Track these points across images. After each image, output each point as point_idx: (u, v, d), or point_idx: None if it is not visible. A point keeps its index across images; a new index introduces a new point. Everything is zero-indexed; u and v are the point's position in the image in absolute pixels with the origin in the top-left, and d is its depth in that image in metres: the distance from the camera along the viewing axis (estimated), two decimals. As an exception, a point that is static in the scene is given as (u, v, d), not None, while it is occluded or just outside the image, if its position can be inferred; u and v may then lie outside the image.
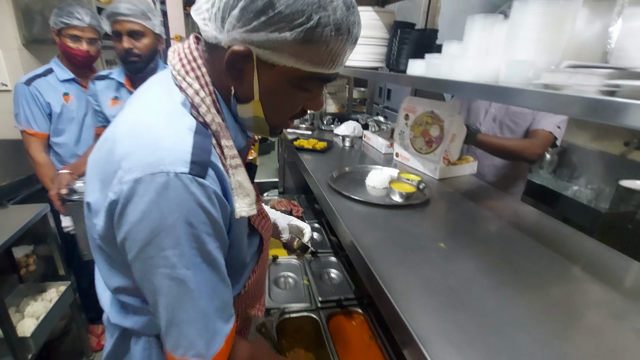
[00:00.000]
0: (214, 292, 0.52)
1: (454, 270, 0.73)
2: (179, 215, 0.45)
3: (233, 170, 0.55)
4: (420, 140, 1.34)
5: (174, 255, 0.47)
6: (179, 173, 0.45)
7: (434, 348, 0.53)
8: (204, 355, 0.52)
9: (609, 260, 0.81)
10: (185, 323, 0.50)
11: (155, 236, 0.46)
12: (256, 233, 0.71)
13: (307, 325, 1.23)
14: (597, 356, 0.54)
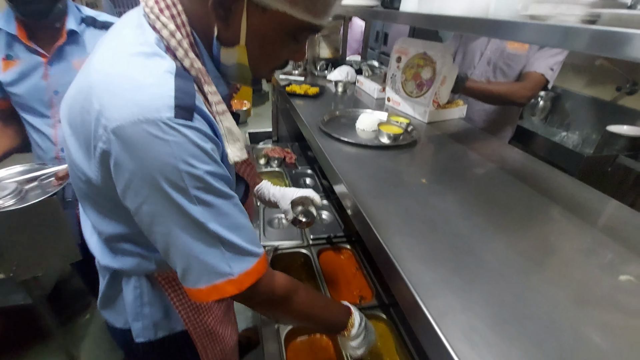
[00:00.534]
0: (235, 224, 0.53)
1: (432, 202, 0.78)
2: (175, 158, 0.45)
3: (220, 116, 0.53)
4: (412, 83, 1.33)
5: (180, 198, 0.47)
6: (164, 118, 0.44)
7: (407, 264, 0.59)
8: (230, 273, 0.52)
9: (587, 198, 0.85)
10: (204, 253, 0.51)
11: (156, 183, 0.46)
12: (241, 180, 0.71)
13: (298, 260, 1.33)
14: (554, 277, 0.60)
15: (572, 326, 0.50)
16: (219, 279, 0.52)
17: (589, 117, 2.01)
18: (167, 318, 0.74)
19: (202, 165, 0.48)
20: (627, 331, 0.50)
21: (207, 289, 0.53)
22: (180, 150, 0.45)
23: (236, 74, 0.58)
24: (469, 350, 0.45)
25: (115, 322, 0.75)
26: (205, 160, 0.48)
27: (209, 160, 0.49)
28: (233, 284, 0.53)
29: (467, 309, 0.51)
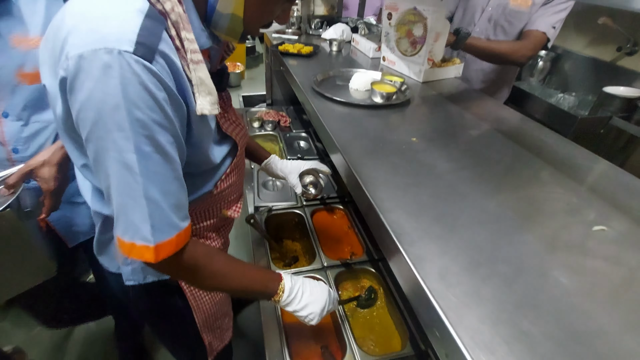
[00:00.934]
0: (167, 187, 0.52)
1: (420, 159, 0.79)
2: (123, 95, 0.44)
3: (194, 65, 0.52)
4: (405, 41, 1.30)
5: (121, 138, 0.46)
6: (122, 51, 0.43)
7: (391, 215, 0.62)
8: (149, 240, 0.52)
9: (576, 156, 0.86)
10: (132, 208, 0.50)
11: (101, 117, 0.45)
12: (229, 139, 0.71)
13: (293, 220, 1.36)
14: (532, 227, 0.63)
15: (541, 268, 0.53)
16: (138, 241, 0.52)
17: (587, 78, 1.98)
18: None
19: (149, 112, 0.47)
20: (592, 273, 0.54)
21: (128, 245, 0.53)
22: (129, 88, 0.44)
23: (227, 26, 0.57)
24: (444, 289, 0.49)
25: (110, 267, 0.78)
26: (153, 107, 0.47)
27: (157, 109, 0.47)
28: (149, 251, 0.53)
29: (444, 254, 0.54)
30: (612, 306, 0.49)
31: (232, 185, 0.77)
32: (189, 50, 0.51)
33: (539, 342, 0.43)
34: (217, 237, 0.83)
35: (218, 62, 0.68)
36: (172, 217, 0.54)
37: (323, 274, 1.12)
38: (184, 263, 0.60)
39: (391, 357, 0.90)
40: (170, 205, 0.53)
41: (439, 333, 0.46)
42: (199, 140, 0.60)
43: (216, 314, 0.91)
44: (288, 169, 1.10)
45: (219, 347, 1.00)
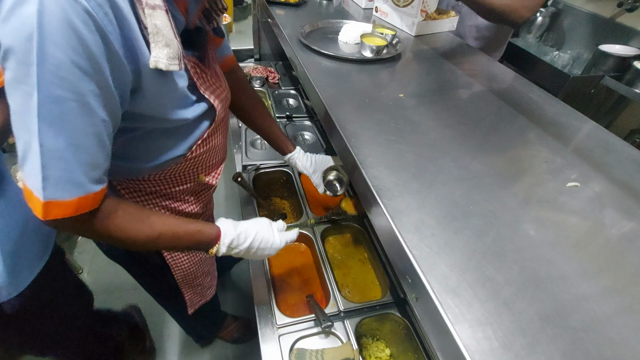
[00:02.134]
0: (78, 140, 0.45)
1: (406, 115, 0.79)
2: (38, 27, 0.38)
3: (150, 10, 0.46)
4: None
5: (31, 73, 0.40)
6: None
7: (372, 171, 0.62)
8: (39, 194, 0.45)
9: (560, 114, 0.86)
10: (28, 152, 0.44)
11: (15, 43, 0.39)
12: (204, 100, 0.65)
13: (280, 178, 1.37)
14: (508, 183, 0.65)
15: (512, 221, 0.56)
16: (31, 188, 0.46)
17: (585, 35, 1.92)
18: None
19: (72, 53, 0.40)
20: (559, 226, 0.56)
21: (24, 188, 0.47)
22: (49, 21, 0.38)
23: None
24: (418, 240, 0.51)
25: None
26: (77, 49, 0.40)
27: (81, 52, 0.41)
28: (38, 205, 0.46)
29: (421, 208, 0.56)
30: (574, 256, 0.52)
31: (210, 150, 0.73)
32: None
33: (501, 287, 0.46)
34: (195, 202, 0.82)
35: (196, 19, 0.62)
36: (79, 175, 0.47)
37: (310, 230, 1.15)
38: (88, 229, 0.54)
39: (371, 304, 0.96)
40: (80, 162, 0.46)
41: (410, 279, 0.49)
42: (155, 95, 0.54)
43: (195, 272, 0.92)
44: (312, 168, 1.04)
45: (200, 302, 1.04)
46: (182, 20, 0.56)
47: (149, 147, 0.63)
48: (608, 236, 0.57)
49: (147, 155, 0.64)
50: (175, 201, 0.77)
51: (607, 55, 1.60)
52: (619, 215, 0.60)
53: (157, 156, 0.65)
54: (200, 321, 1.09)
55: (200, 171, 0.75)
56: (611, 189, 0.65)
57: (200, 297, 1.03)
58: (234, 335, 1.51)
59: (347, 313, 0.94)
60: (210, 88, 0.66)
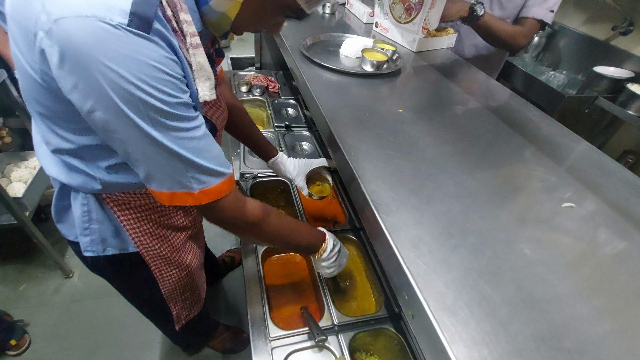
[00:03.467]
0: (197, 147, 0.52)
1: (405, 130, 0.80)
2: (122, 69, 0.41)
3: (194, 50, 0.49)
4: (400, 7, 1.25)
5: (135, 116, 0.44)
6: (116, 24, 0.39)
7: (371, 185, 0.63)
8: (190, 188, 0.53)
9: (557, 135, 0.88)
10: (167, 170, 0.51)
11: (107, 94, 0.42)
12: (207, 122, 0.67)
13: (278, 187, 1.37)
14: (504, 202, 0.66)
15: (508, 240, 0.56)
16: (179, 189, 0.54)
17: (580, 56, 1.97)
18: (117, 237, 0.73)
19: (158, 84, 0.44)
20: (554, 246, 0.57)
21: (168, 195, 0.54)
22: (130, 63, 0.41)
23: (214, 21, 0.54)
24: (415, 257, 0.51)
25: (68, 235, 0.75)
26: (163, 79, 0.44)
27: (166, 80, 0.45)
28: (192, 197, 0.54)
29: (419, 224, 0.56)
30: (569, 276, 0.53)
31: None
32: (188, 34, 0.48)
33: (497, 307, 0.46)
34: (183, 215, 0.81)
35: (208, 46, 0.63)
36: (212, 167, 0.55)
37: (306, 240, 1.14)
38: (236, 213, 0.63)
39: (366, 318, 0.96)
40: (207, 159, 0.54)
41: (407, 296, 0.49)
42: None
43: (184, 286, 0.91)
44: (295, 171, 1.08)
45: (188, 317, 1.02)
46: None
47: None
48: (602, 257, 0.57)
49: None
50: (163, 214, 0.76)
51: (602, 77, 1.63)
52: (613, 237, 0.61)
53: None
54: (188, 331, 1.07)
55: None
56: (605, 210, 0.66)
57: (188, 311, 1.01)
58: (226, 344, 1.49)
59: (342, 327, 0.93)
60: (212, 109, 0.69)
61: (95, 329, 1.63)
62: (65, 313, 1.69)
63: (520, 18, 1.39)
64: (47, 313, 1.69)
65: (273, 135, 1.58)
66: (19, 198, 1.56)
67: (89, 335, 1.60)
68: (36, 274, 1.86)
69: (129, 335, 1.60)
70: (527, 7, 1.37)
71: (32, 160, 1.85)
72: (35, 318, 1.66)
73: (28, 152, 1.87)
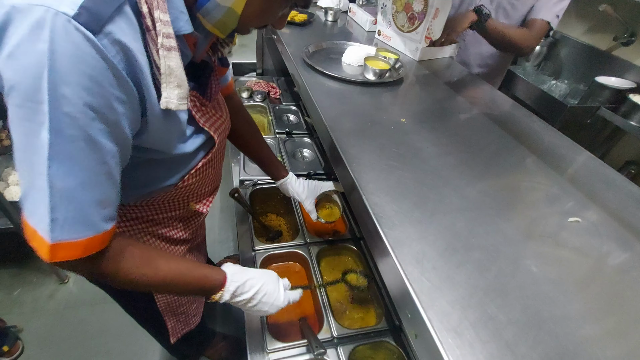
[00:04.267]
0: (89, 178, 0.44)
1: (408, 141, 0.79)
2: (49, 65, 0.36)
3: (165, 52, 0.44)
4: (403, 15, 1.25)
5: (40, 112, 0.38)
6: (59, 12, 0.36)
7: (373, 197, 0.61)
8: (46, 235, 0.43)
9: (560, 146, 0.87)
10: (36, 192, 0.42)
11: (22, 80, 0.38)
12: (203, 131, 0.63)
13: (277, 195, 1.36)
14: (510, 215, 0.64)
15: (514, 256, 0.55)
16: (36, 226, 0.43)
17: (581, 66, 1.97)
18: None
19: (82, 91, 0.39)
20: (561, 263, 0.55)
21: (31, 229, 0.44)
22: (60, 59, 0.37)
23: (220, 18, 0.50)
24: (419, 274, 0.50)
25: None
26: (88, 87, 0.39)
27: (92, 90, 0.39)
28: (44, 247, 0.43)
29: (422, 239, 0.55)
30: (577, 295, 0.51)
31: (203, 179, 0.70)
32: (160, 34, 0.44)
33: (504, 327, 0.45)
34: (183, 228, 0.79)
35: (204, 53, 0.61)
36: (90, 215, 0.45)
37: (305, 249, 1.13)
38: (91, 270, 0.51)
39: (366, 330, 0.94)
40: (91, 200, 0.45)
41: (410, 314, 0.48)
42: (160, 132, 0.53)
43: (180, 300, 0.88)
44: (305, 194, 1.03)
45: (184, 331, 0.99)
46: (189, 54, 0.55)
47: (140, 175, 0.61)
48: (610, 275, 0.56)
49: (136, 182, 0.61)
50: (162, 227, 0.74)
51: (604, 87, 1.63)
52: (621, 253, 0.59)
53: (147, 184, 0.63)
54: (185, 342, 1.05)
55: (190, 199, 0.73)
56: (612, 225, 0.64)
57: (184, 325, 0.98)
58: (222, 354, 1.46)
59: (341, 339, 0.91)
60: (210, 120, 0.64)
61: (90, 336, 1.60)
62: (60, 319, 1.67)
63: (528, 21, 1.39)
64: (41, 319, 1.66)
65: (274, 142, 1.57)
66: (16, 202, 1.55)
67: (82, 343, 1.57)
68: (31, 279, 1.84)
69: (123, 343, 1.57)
70: (535, 10, 1.37)
71: (30, 163, 1.84)
72: (29, 324, 1.63)
73: (26, 155, 1.85)
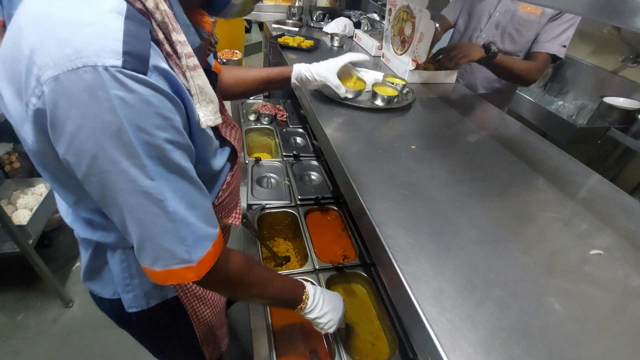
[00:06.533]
0: (190, 201, 0.48)
1: (419, 169, 0.78)
2: (124, 120, 0.38)
3: (191, 72, 0.45)
4: (397, 39, 1.29)
5: (132, 167, 0.40)
6: (109, 67, 0.36)
7: (387, 229, 0.60)
8: (189, 260, 0.48)
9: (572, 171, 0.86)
10: (161, 235, 0.46)
11: (103, 148, 0.39)
12: (227, 144, 0.65)
13: (286, 219, 1.34)
14: (528, 247, 0.62)
15: (537, 293, 0.52)
16: (176, 265, 0.48)
17: (588, 86, 1.97)
18: (158, 287, 0.71)
19: (159, 132, 0.40)
20: (585, 300, 0.53)
21: (164, 273, 0.48)
22: (131, 112, 0.38)
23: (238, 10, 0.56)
24: (438, 313, 0.48)
25: (103, 293, 0.71)
26: (162, 126, 0.41)
27: (167, 126, 0.41)
28: (192, 270, 0.49)
29: (440, 274, 0.53)
30: (603, 335, 0.48)
31: (232, 193, 0.71)
32: (183, 56, 0.44)
33: (531, 373, 0.42)
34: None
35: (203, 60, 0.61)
36: (204, 228, 0.50)
37: (314, 276, 1.10)
38: (225, 272, 0.58)
39: (379, 364, 0.90)
40: (199, 217, 0.49)
41: (431, 358, 0.45)
42: (201, 152, 0.54)
43: (215, 325, 0.88)
44: (324, 69, 0.96)
45: (217, 356, 0.97)
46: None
47: None
48: (636, 311, 0.53)
49: None
50: None
51: (612, 108, 1.62)
52: (647, 288, 0.57)
53: None
54: None
55: (223, 216, 0.74)
56: (635, 257, 0.62)
57: (217, 350, 0.96)
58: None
59: (352, 373, 0.88)
60: (229, 129, 0.65)
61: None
62: (63, 345, 1.64)
63: (533, 53, 1.41)
64: (45, 344, 1.63)
65: (281, 165, 1.57)
66: (24, 226, 1.55)
67: (86, 371, 1.54)
68: (35, 303, 1.82)
69: (127, 371, 1.54)
70: (539, 42, 1.39)
71: (39, 186, 1.86)
72: (32, 349, 1.60)
73: (35, 179, 1.88)
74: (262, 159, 1.61)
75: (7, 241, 1.56)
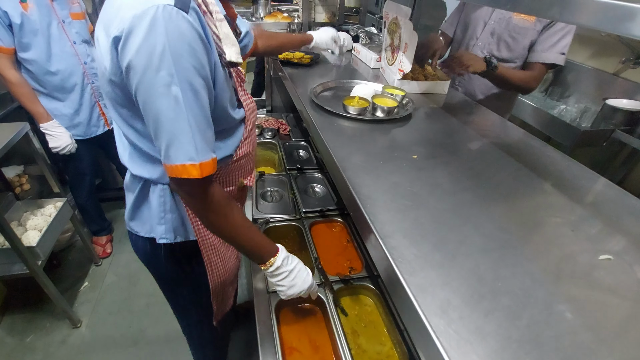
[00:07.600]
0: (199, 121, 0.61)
1: (421, 178, 0.78)
2: (167, 40, 0.53)
3: (219, 22, 0.64)
4: (390, 49, 1.31)
5: (167, 75, 0.55)
6: (166, 5, 0.53)
7: (391, 241, 0.60)
8: (194, 159, 0.62)
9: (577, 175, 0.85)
10: (182, 133, 0.60)
11: (151, 60, 0.54)
12: (241, 108, 0.80)
13: (291, 232, 1.34)
14: (535, 255, 0.61)
15: (546, 302, 0.51)
16: (187, 161, 0.62)
17: (590, 89, 1.96)
18: (183, 226, 0.85)
19: (188, 56, 0.56)
20: (597, 307, 0.52)
21: (179, 167, 0.62)
22: (172, 37, 0.54)
23: None
24: (445, 325, 0.47)
25: (140, 231, 0.86)
26: (191, 52, 0.56)
27: (194, 55, 0.57)
28: (195, 168, 0.62)
29: (446, 285, 0.52)
30: (617, 344, 0.47)
31: (247, 154, 0.87)
32: (213, 12, 0.63)
33: (544, 385, 0.41)
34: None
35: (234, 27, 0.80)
36: (206, 145, 0.64)
37: (321, 289, 1.09)
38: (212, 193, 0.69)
39: (389, 379, 0.88)
40: (203, 135, 0.63)
41: (440, 373, 0.44)
42: (220, 95, 0.68)
43: (225, 281, 1.00)
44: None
45: (223, 313, 1.11)
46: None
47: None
48: (652, 318, 0.51)
49: None
50: None
51: (615, 110, 1.61)
52: (661, 293, 0.55)
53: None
54: None
55: (240, 175, 0.89)
56: (647, 260, 0.61)
57: (224, 306, 1.10)
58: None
59: (363, 389, 0.86)
60: (244, 96, 0.81)
61: (101, 385, 1.55)
62: (73, 368, 1.63)
63: (530, 63, 1.42)
64: (55, 367, 1.63)
65: (285, 179, 1.58)
66: (33, 247, 1.57)
67: (94, 393, 1.52)
68: (44, 324, 1.82)
69: (135, 392, 1.52)
70: (536, 51, 1.39)
71: (49, 207, 1.88)
72: (41, 373, 1.60)
73: (45, 200, 1.91)
74: (266, 173, 1.62)
75: (17, 263, 1.57)
